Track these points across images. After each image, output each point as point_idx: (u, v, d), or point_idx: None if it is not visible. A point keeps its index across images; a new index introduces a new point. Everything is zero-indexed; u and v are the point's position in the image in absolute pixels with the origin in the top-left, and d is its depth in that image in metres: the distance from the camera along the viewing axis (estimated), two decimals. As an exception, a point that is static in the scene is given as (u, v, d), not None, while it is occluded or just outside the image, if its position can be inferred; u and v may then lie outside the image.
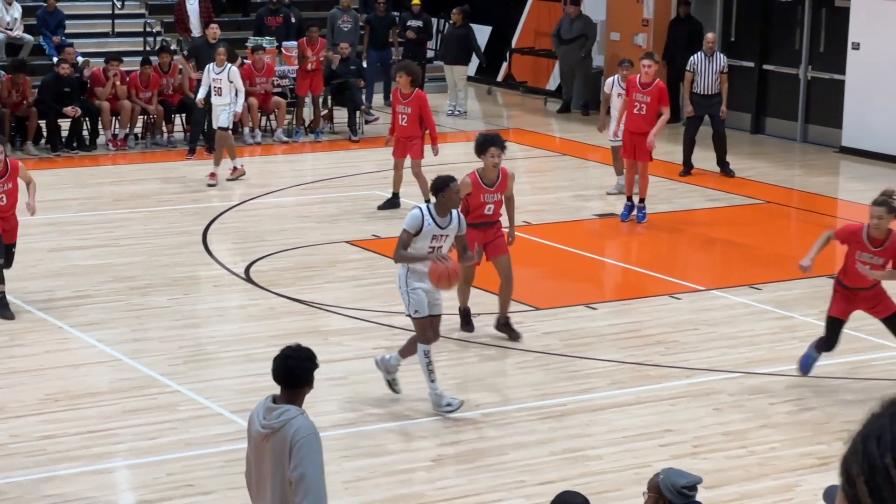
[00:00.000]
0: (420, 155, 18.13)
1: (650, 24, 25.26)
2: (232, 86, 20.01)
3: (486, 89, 28.44)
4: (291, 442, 7.10)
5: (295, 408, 7.26)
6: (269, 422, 7.22)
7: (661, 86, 17.88)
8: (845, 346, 12.81)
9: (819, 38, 23.37)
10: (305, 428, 7.15)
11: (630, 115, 17.88)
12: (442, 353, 13.06)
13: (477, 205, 13.22)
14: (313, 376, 7.41)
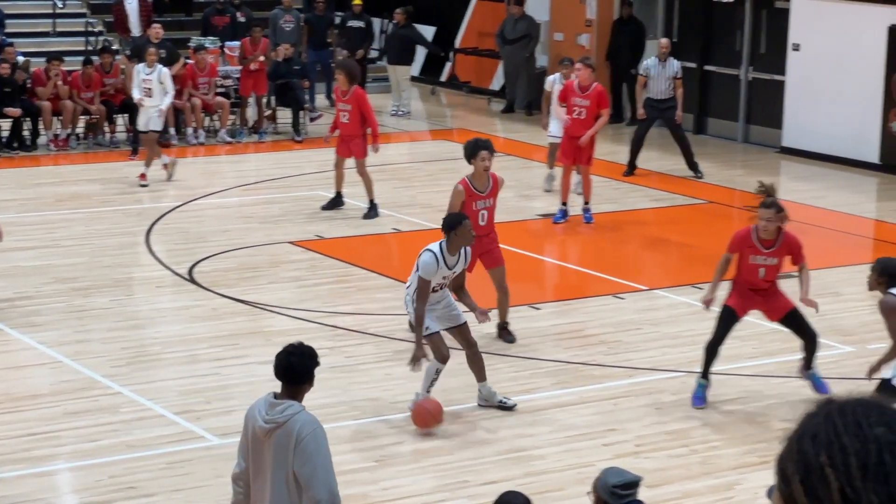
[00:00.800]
0: (363, 154, 18.10)
1: (593, 24, 25.35)
2: (162, 87, 19.92)
3: (430, 89, 28.45)
4: (297, 437, 7.21)
5: (298, 403, 7.38)
6: (274, 417, 7.31)
7: (599, 89, 17.92)
8: (784, 346, 12.90)
9: (760, 39, 23.53)
10: (311, 423, 7.28)
11: (571, 120, 17.85)
12: (387, 353, 13.06)
13: (469, 213, 12.77)
14: (314, 374, 7.53)
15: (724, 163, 22.14)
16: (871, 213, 19.31)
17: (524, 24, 25.62)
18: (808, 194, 20.03)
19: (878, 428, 2.13)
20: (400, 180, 20.67)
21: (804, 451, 2.13)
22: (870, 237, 18.14)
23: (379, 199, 18.63)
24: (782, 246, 11.50)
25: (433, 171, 21.41)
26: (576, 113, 17.80)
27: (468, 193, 13.11)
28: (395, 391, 12.05)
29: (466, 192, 13.10)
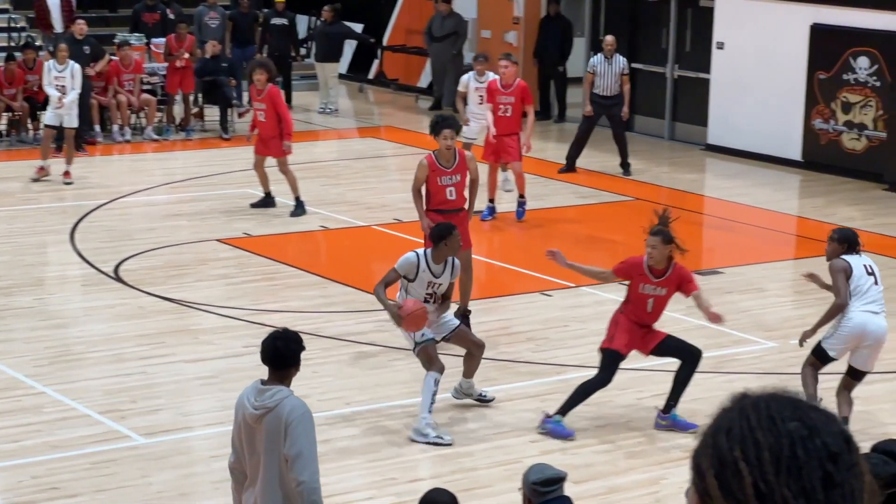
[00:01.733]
0: (282, 153, 18.03)
1: (521, 21, 25.42)
2: (74, 82, 19.75)
3: (358, 87, 28.41)
4: (287, 421, 7.36)
5: (286, 388, 7.55)
6: (263, 402, 7.45)
7: (522, 85, 17.96)
8: (711, 341, 13.00)
9: (685, 37, 23.69)
10: (299, 407, 7.45)
11: (496, 118, 17.84)
12: (314, 351, 13.03)
13: (436, 189, 12.99)
14: (300, 358, 7.72)
15: (651, 160, 22.27)
16: (793, 210, 19.49)
17: (452, 21, 25.65)
18: (732, 191, 20.20)
19: (792, 423, 2.15)
20: (328, 178, 20.64)
21: (718, 446, 2.15)
22: (792, 234, 18.31)
23: (307, 197, 18.57)
24: (672, 276, 11.10)
25: (361, 169, 21.40)
26: (501, 111, 17.81)
27: (432, 168, 13.17)
28: (323, 389, 12.04)
29: (430, 167, 13.15)
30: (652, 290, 11.14)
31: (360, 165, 21.66)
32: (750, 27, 22.02)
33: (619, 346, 11.19)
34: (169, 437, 11.04)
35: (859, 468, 2.16)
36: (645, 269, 11.14)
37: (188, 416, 11.58)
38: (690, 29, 23.56)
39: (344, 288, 15.12)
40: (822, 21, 21.13)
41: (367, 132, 24.78)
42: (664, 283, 11.13)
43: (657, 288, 11.13)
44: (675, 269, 11.15)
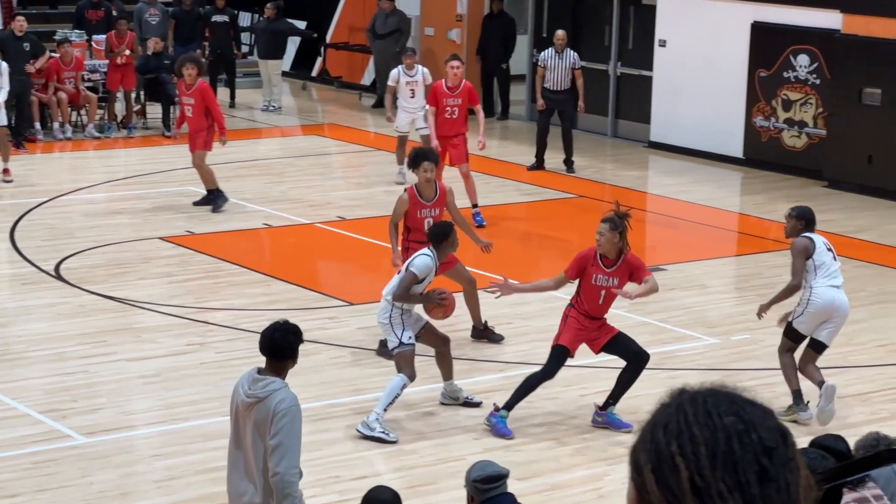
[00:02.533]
0: (205, 147, 17.95)
1: (464, 19, 25.44)
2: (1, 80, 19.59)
3: (301, 84, 28.34)
4: (273, 412, 7.52)
5: (280, 380, 7.67)
6: (254, 391, 7.61)
7: (468, 86, 17.97)
8: (654, 338, 13.07)
9: (628, 35, 23.79)
10: (288, 399, 7.58)
11: (441, 119, 17.83)
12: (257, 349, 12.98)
13: (415, 222, 12.86)
14: (298, 350, 7.86)
15: (594, 157, 22.34)
16: (734, 207, 19.61)
17: (395, 18, 25.63)
18: (674, 188, 20.30)
19: (728, 417, 2.17)
20: (271, 175, 20.58)
21: (656, 441, 2.16)
22: (734, 230, 18.42)
23: (250, 195, 18.51)
24: (622, 266, 11.13)
25: (304, 167, 21.35)
26: (448, 112, 17.78)
27: (413, 202, 12.98)
28: (266, 387, 11.99)
29: (411, 201, 12.97)
30: (605, 280, 11.16)
31: (303, 163, 21.62)
32: (692, 25, 22.14)
33: (566, 341, 11.21)
34: (110, 437, 10.98)
35: (795, 463, 2.18)
36: (598, 260, 11.18)
37: (130, 415, 11.52)
38: (633, 27, 23.66)
39: (287, 285, 15.09)
40: (763, 19, 21.27)
41: (311, 130, 24.73)
42: (616, 272, 11.16)
43: (609, 279, 11.16)
44: (626, 259, 11.20)
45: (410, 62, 19.54)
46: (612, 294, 11.22)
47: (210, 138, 18.05)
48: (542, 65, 20.98)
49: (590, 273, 11.20)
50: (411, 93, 19.64)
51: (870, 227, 18.09)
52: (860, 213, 18.83)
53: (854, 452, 6.98)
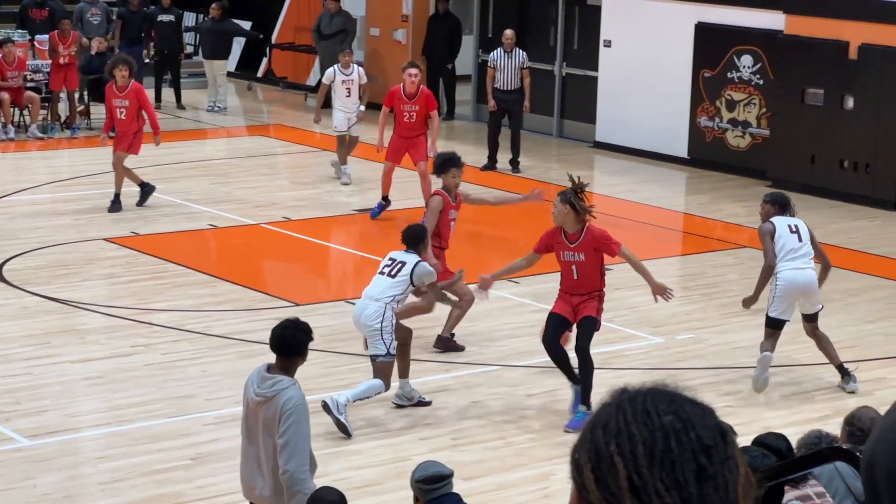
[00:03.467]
0: (129, 150, 17.83)
1: (409, 19, 25.44)
2: None
3: (247, 85, 28.26)
4: (281, 410, 7.70)
5: (288, 378, 7.86)
6: (263, 391, 7.82)
7: (426, 92, 17.94)
8: (599, 338, 13.09)
9: (573, 35, 23.87)
10: (296, 398, 7.76)
11: (400, 122, 17.79)
12: (203, 350, 12.96)
13: (445, 224, 13.18)
14: (307, 348, 8.06)
15: (540, 157, 22.38)
16: (679, 207, 19.71)
17: (340, 19, 25.60)
18: (620, 188, 20.38)
19: (667, 416, 2.18)
20: (216, 176, 20.51)
21: (595, 441, 2.17)
22: (679, 230, 18.51)
23: (196, 195, 18.44)
24: (585, 240, 11.22)
25: (250, 167, 21.29)
26: (406, 117, 17.76)
27: (446, 203, 13.25)
28: (211, 388, 11.97)
29: (445, 203, 13.23)
30: (571, 256, 11.28)
31: (249, 164, 21.55)
32: (636, 26, 22.24)
33: (554, 309, 11.48)
34: (55, 439, 10.91)
35: (734, 461, 2.19)
36: (561, 236, 11.32)
37: (74, 417, 11.45)
38: (578, 27, 23.74)
39: (233, 286, 15.05)
40: (707, 20, 21.39)
41: (256, 130, 24.67)
42: (579, 247, 11.25)
43: (575, 254, 11.27)
44: (588, 232, 11.29)
45: (347, 60, 19.69)
46: (583, 268, 11.28)
47: (137, 141, 17.92)
48: (492, 65, 21.03)
49: (557, 250, 11.39)
50: (347, 91, 19.75)
51: (813, 226, 18.03)
52: (803, 212, 18.80)
53: (796, 450, 7.04)
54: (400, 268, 11.44)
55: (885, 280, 15.90)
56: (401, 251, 11.67)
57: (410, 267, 11.41)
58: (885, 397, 12.00)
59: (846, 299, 15.10)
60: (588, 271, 11.31)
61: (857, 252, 17.05)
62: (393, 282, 11.39)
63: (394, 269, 11.45)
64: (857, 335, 13.92)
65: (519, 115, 21.07)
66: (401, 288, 11.38)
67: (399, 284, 11.38)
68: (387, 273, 11.47)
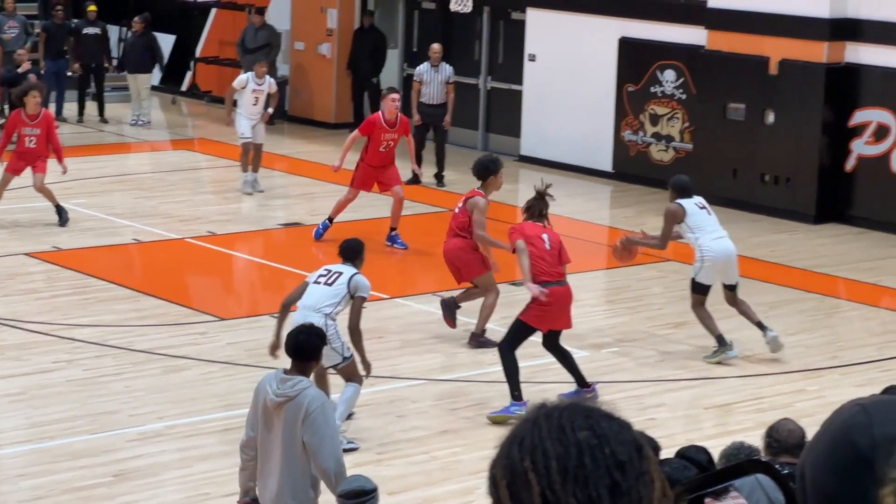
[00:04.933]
0: (44, 170, 17.70)
1: (334, 33, 25.42)
2: None
3: (171, 99, 28.10)
4: (307, 410, 8.02)
5: (307, 379, 8.24)
6: (284, 391, 8.12)
7: (405, 120, 17.73)
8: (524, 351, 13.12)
9: (498, 49, 23.95)
10: (319, 398, 8.19)
11: (374, 152, 17.38)
12: (126, 365, 12.88)
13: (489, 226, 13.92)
14: (321, 352, 8.53)
15: (465, 171, 22.29)
16: (604, 221, 19.83)
17: (265, 33, 25.53)
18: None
19: (582, 432, 2.19)
20: (141, 190, 20.37)
21: (511, 456, 2.19)
22: (604, 244, 18.59)
23: (120, 210, 18.32)
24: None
25: (175, 181, 21.17)
26: (384, 146, 17.29)
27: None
28: (134, 404, 11.89)
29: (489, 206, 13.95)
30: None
31: (173, 178, 21.43)
32: (561, 40, 22.35)
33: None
34: (-25, 457, 10.79)
35: (649, 476, 2.21)
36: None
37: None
38: (503, 41, 23.82)
39: (157, 301, 14.95)
40: (631, 35, 21.55)
41: (181, 144, 24.54)
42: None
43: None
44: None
45: (262, 71, 19.84)
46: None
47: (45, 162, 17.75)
48: (418, 79, 21.04)
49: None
50: (255, 100, 19.89)
51: (734, 239, 18.22)
52: (726, 226, 18.92)
53: (718, 463, 7.09)
54: (336, 277, 11.27)
55: (806, 293, 16.07)
56: (336, 264, 11.55)
57: (347, 277, 11.26)
58: (805, 409, 12.13)
59: (767, 312, 15.22)
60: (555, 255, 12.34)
61: (778, 265, 17.23)
62: (332, 291, 11.18)
63: (330, 279, 11.28)
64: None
65: (444, 129, 21.10)
66: (340, 297, 11.18)
67: (338, 294, 11.18)
68: (323, 282, 11.32)
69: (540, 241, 12.29)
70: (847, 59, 19.45)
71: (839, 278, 16.74)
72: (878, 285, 16.46)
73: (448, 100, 20.92)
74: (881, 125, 19.09)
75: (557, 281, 12.17)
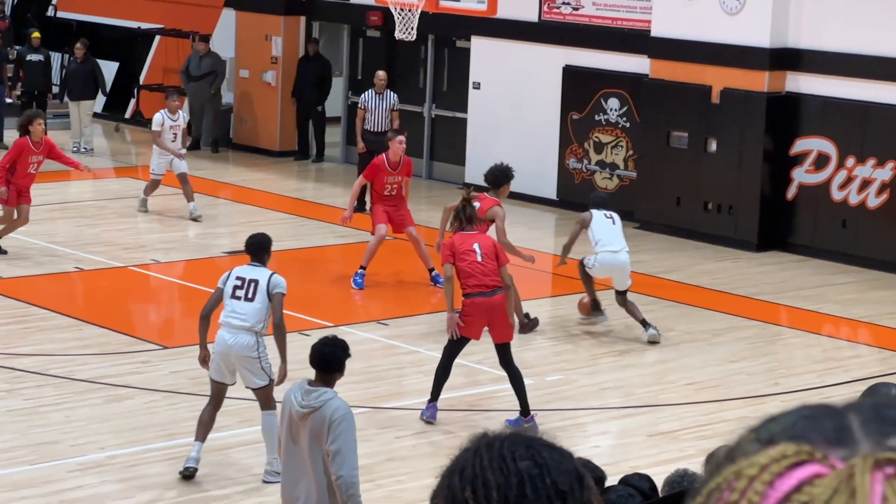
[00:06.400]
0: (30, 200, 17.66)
1: (279, 61, 25.40)
2: None
3: (114, 126, 27.97)
4: (330, 420, 8.24)
5: (331, 390, 8.46)
6: (310, 402, 8.34)
7: (408, 161, 17.41)
8: (468, 380, 13.17)
9: (442, 77, 24.00)
10: (342, 408, 8.37)
11: (381, 197, 17.12)
12: (67, 395, 12.78)
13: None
14: (345, 364, 8.74)
15: (410, 199, 22.35)
16: (549, 248, 19.86)
17: (210, 60, 25.49)
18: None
19: (524, 462, 2.19)
20: (83, 218, 20.25)
21: (452, 487, 2.18)
22: (548, 271, 18.63)
23: (62, 238, 18.21)
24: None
25: (118, 209, 21.06)
26: (388, 190, 17.07)
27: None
28: (75, 434, 11.79)
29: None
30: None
31: (116, 205, 21.32)
32: (505, 68, 22.43)
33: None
34: (-86, 488, 10.66)
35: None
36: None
37: (-66, 464, 11.21)
38: (447, 69, 23.88)
39: (100, 329, 14.86)
40: (575, 63, 21.65)
41: (124, 172, 24.41)
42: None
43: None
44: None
45: (175, 106, 19.81)
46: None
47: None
48: (363, 106, 21.02)
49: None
50: (174, 136, 19.91)
51: (678, 267, 18.49)
52: (669, 253, 19.23)
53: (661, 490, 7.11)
54: (254, 288, 10.91)
55: (748, 320, 16.16)
56: (245, 266, 11.11)
57: (265, 284, 10.92)
58: (749, 436, 12.18)
59: (710, 339, 15.32)
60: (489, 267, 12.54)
61: (721, 292, 17.32)
62: (256, 307, 10.85)
63: (249, 291, 10.91)
64: (721, 375, 14.12)
65: None
66: (265, 309, 10.90)
67: (262, 307, 10.88)
68: (243, 297, 10.93)
69: (471, 253, 12.31)
70: (788, 88, 19.63)
71: (781, 305, 16.85)
72: (819, 312, 16.59)
73: (393, 127, 20.90)
74: (821, 154, 19.26)
75: (483, 292, 12.17)
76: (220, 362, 10.97)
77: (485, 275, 12.25)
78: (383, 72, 21.35)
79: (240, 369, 10.98)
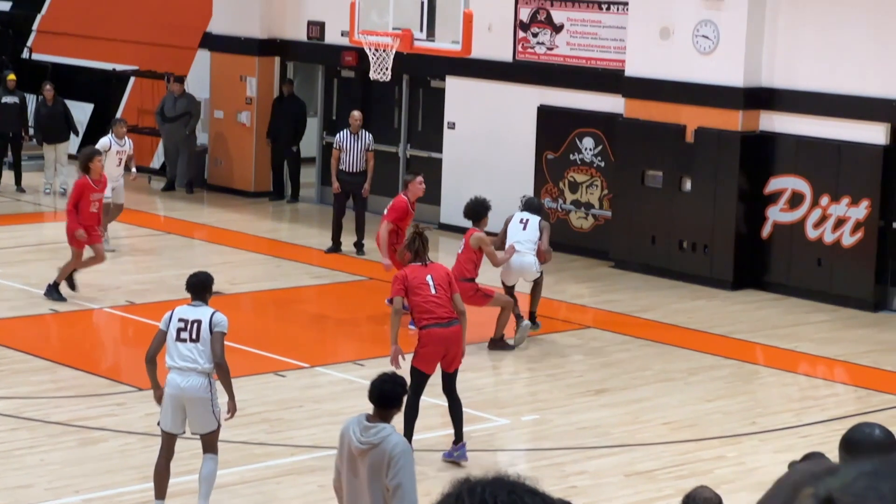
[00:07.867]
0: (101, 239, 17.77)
1: (254, 102, 25.41)
2: None
3: (89, 167, 27.88)
4: (390, 455, 8.40)
5: (390, 426, 8.62)
6: (368, 438, 8.50)
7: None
8: (445, 419, 13.12)
9: (417, 117, 24.04)
10: (401, 444, 8.55)
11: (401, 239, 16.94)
12: (41, 438, 12.70)
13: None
14: (403, 400, 8.93)
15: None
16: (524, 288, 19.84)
17: (184, 101, 25.49)
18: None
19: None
20: (58, 260, 20.13)
21: (434, 532, 2.18)
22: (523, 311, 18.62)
23: (36, 280, 18.14)
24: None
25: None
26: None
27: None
28: (50, 477, 11.72)
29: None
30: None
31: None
32: (480, 108, 22.49)
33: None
34: None
35: (570, 549, 2.21)
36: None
37: None
38: (422, 109, 23.93)
39: (74, 372, 14.79)
40: (549, 103, 21.72)
41: (98, 213, 24.31)
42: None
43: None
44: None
45: (122, 131, 20.16)
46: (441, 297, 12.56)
47: None
48: (337, 146, 21.01)
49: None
50: (118, 161, 20.20)
51: (654, 306, 18.50)
52: (645, 292, 19.25)
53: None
54: (197, 328, 10.86)
55: (724, 359, 16.18)
56: (186, 307, 11.07)
57: (207, 324, 10.87)
58: (724, 476, 12.19)
59: (686, 378, 15.33)
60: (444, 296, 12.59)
61: (697, 331, 17.34)
62: (201, 348, 10.81)
63: (193, 332, 10.85)
64: (697, 414, 14.12)
65: (363, 197, 21.06)
66: (209, 349, 10.86)
67: (207, 346, 10.84)
68: (188, 338, 10.85)
69: (425, 286, 12.34)
70: (762, 127, 19.72)
71: (757, 344, 16.87)
72: (795, 351, 16.61)
73: (368, 167, 20.93)
74: (796, 192, 19.34)
75: (438, 323, 12.21)
76: (171, 406, 10.91)
77: (439, 306, 12.30)
78: (358, 112, 21.37)
79: (190, 413, 10.91)
